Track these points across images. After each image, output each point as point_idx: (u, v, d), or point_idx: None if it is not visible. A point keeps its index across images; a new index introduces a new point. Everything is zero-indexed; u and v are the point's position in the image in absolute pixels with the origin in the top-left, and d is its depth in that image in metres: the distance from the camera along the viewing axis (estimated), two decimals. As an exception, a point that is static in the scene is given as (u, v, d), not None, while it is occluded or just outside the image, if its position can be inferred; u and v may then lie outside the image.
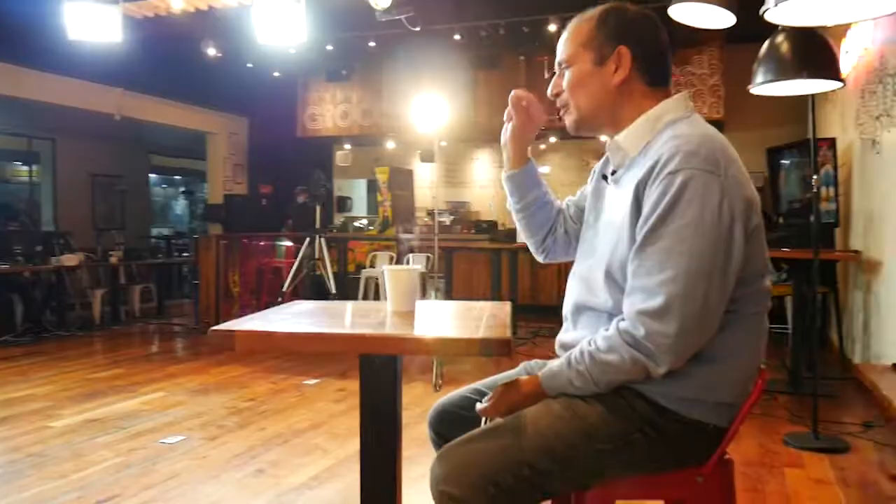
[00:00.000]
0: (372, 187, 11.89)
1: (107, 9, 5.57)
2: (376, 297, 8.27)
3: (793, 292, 4.86)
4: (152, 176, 16.15)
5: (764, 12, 1.98)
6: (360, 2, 5.70)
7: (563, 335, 1.54)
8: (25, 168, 11.32)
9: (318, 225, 7.67)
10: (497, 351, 1.21)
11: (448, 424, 1.59)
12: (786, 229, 5.74)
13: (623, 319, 1.33)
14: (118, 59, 7.27)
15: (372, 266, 8.48)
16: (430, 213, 8.76)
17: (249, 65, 9.05)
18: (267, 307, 7.54)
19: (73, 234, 9.23)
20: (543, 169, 9.97)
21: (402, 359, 1.44)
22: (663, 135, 1.41)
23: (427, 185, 11.04)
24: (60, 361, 6.06)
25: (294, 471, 3.36)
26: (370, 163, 10.83)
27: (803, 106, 3.91)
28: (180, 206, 17.85)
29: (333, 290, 7.46)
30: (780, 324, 5.85)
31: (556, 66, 1.54)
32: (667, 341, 1.27)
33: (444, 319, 1.51)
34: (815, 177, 3.70)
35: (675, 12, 3.70)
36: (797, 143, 6.32)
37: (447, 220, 9.88)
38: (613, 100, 1.47)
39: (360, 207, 12.39)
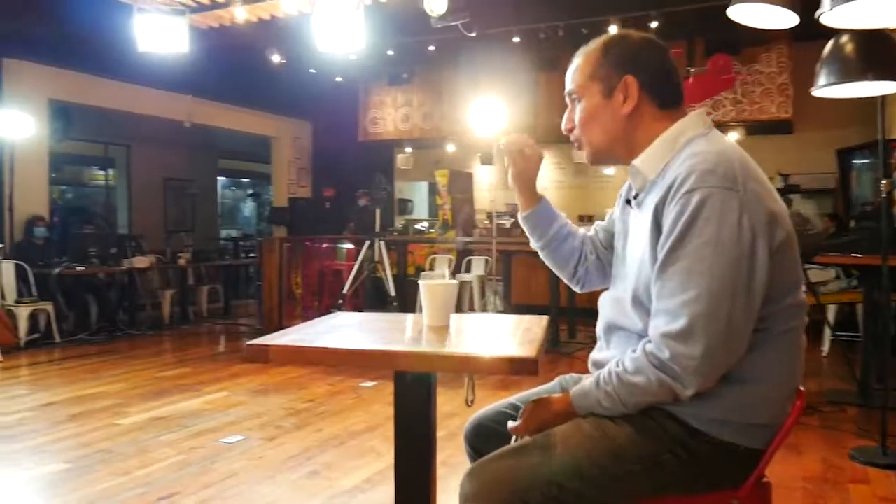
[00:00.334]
0: (433, 190, 11.95)
1: (174, 20, 5.77)
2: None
3: (863, 299, 4.67)
4: (221, 179, 16.66)
5: (819, 16, 1.92)
6: (418, 8, 5.75)
7: (597, 353, 1.53)
8: (102, 173, 11.83)
9: (377, 228, 7.78)
10: (524, 370, 1.21)
11: (483, 439, 1.59)
12: (857, 233, 5.51)
13: (650, 341, 1.32)
14: (188, 67, 7.53)
15: (431, 269, 8.53)
16: (490, 216, 8.76)
17: (312, 71, 9.24)
18: (328, 309, 7.76)
19: (146, 236, 9.61)
20: (609, 171, 9.83)
21: (436, 375, 1.45)
22: (681, 154, 1.40)
23: (487, 187, 11.03)
24: (131, 360, 6.31)
25: (347, 473, 3.41)
26: (431, 165, 10.89)
27: (874, 105, 3.76)
28: (248, 208, 18.34)
29: (392, 293, 7.55)
30: (851, 331, 5.63)
31: (567, 97, 1.55)
32: (692, 363, 1.26)
33: (476, 335, 1.51)
34: (884, 181, 3.55)
35: (735, 13, 3.60)
36: (868, 144, 6.08)
37: (507, 222, 9.85)
38: (626, 129, 1.48)
39: (421, 210, 12.47)
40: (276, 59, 8.53)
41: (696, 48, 8.44)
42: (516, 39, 8.06)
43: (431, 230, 9.86)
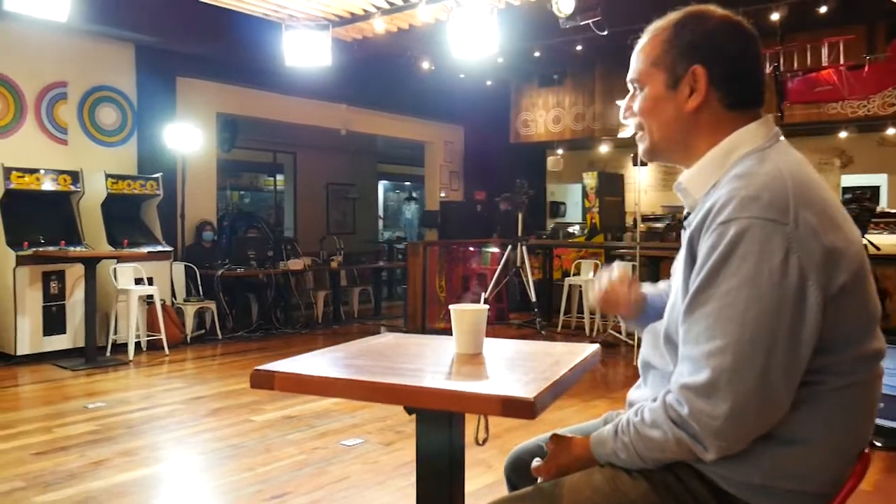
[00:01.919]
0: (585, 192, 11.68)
1: (319, 35, 6.03)
2: (579, 307, 8.09)
3: None
4: (384, 183, 17.29)
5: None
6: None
7: (633, 392, 1.37)
8: (271, 178, 12.67)
9: (519, 232, 7.70)
10: (518, 413, 1.10)
11: (520, 473, 1.49)
12: None
13: (670, 391, 1.15)
14: (341, 78, 7.89)
15: (577, 274, 8.31)
16: (634, 220, 8.38)
17: (462, 75, 9.31)
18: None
19: (307, 239, 10.16)
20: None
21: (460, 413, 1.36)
22: (729, 174, 1.19)
23: (643, 188, 10.59)
24: (280, 357, 6.64)
25: (452, 485, 3.37)
26: (584, 167, 10.65)
27: None
28: (410, 211, 18.90)
29: (534, 298, 7.44)
30: None
31: (629, 84, 1.36)
32: (714, 423, 1.07)
33: (497, 366, 1.40)
34: None
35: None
36: None
37: (660, 225, 9.39)
38: (687, 128, 1.27)
39: (574, 213, 12.23)
40: (426, 65, 8.69)
41: (876, 32, 7.58)
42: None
43: (582, 234, 9.62)
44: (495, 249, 8.61)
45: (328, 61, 6.04)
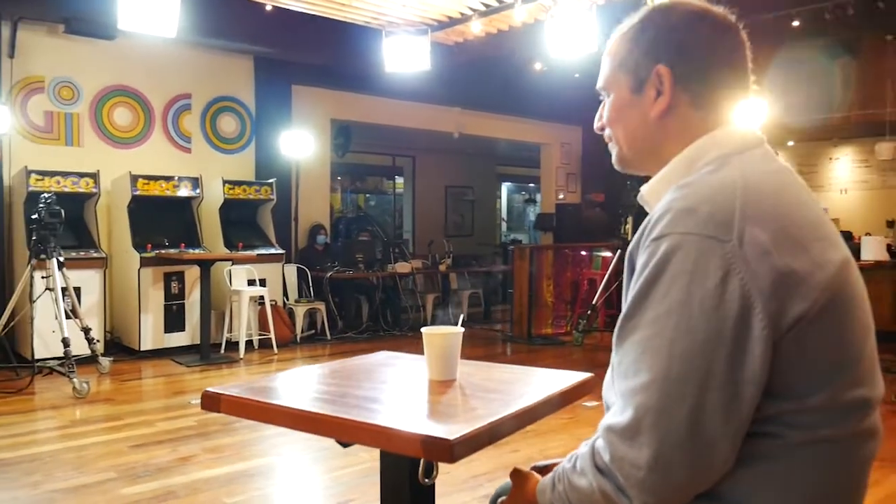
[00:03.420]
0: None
1: (418, 40, 6.06)
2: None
3: None
4: (507, 185, 17.22)
5: None
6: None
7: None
8: (390, 182, 12.94)
9: (629, 236, 7.40)
10: (437, 455, 1.00)
11: (501, 512, 1.38)
12: None
13: (598, 434, 1.00)
14: (453, 82, 7.91)
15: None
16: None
17: (577, 75, 9.07)
18: (580, 319, 7.56)
19: (426, 241, 10.27)
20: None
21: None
22: (680, 182, 1.02)
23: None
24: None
25: None
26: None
27: None
28: (533, 212, 18.73)
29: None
30: None
31: (600, 92, 1.22)
32: (637, 473, 0.91)
33: (455, 398, 1.29)
34: None
35: None
36: None
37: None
38: (655, 135, 1.11)
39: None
40: (537, 66, 8.54)
41: None
42: (796, 24, 7.09)
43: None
44: (608, 254, 8.32)
45: (427, 66, 6.06)
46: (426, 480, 1.19)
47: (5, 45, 6.39)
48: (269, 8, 6.21)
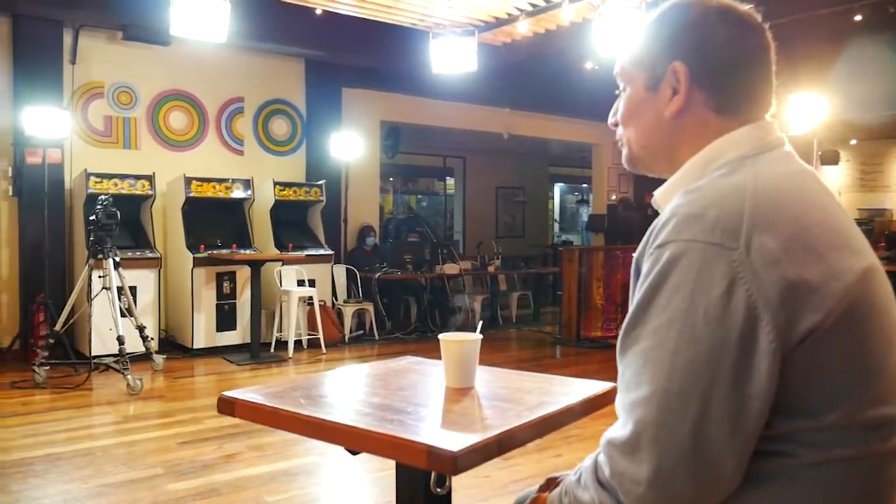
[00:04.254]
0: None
1: (465, 41, 6.05)
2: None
3: None
4: (560, 185, 17.07)
5: None
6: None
7: None
8: (441, 183, 12.96)
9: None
10: (440, 467, 0.98)
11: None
12: None
13: (600, 448, 0.97)
14: (502, 82, 7.88)
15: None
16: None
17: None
18: (629, 322, 7.44)
19: (476, 242, 10.26)
20: None
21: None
22: (690, 187, 0.98)
23: (837, 189, 9.56)
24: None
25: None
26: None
27: None
28: (586, 213, 18.51)
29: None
30: None
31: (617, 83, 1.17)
32: (637, 489, 0.87)
33: (471, 407, 1.27)
34: None
35: None
36: None
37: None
38: (670, 136, 1.06)
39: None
40: (588, 65, 8.44)
41: None
42: (858, 18, 6.83)
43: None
44: (659, 256, 8.14)
45: (474, 66, 6.03)
46: (438, 490, 1.17)
47: (67, 52, 6.62)
48: (318, 12, 6.28)
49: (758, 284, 0.85)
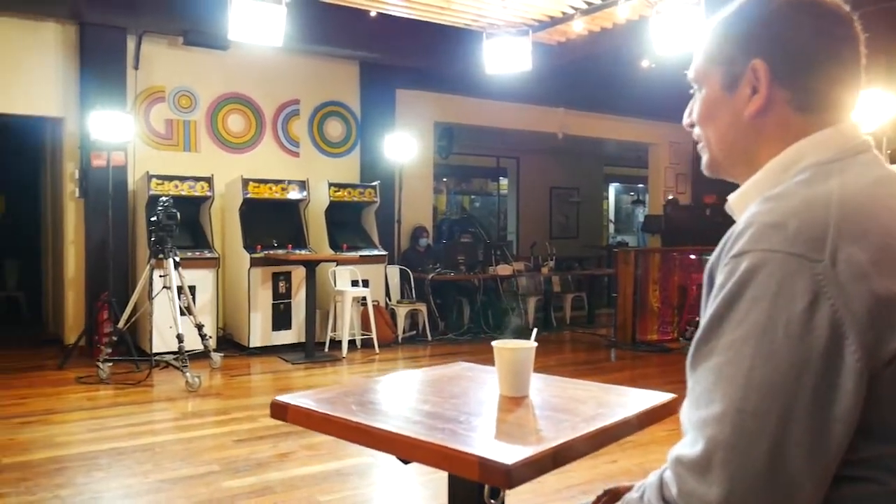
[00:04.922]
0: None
1: (519, 41, 6.01)
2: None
3: None
4: (615, 185, 16.83)
5: None
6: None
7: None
8: (494, 183, 12.92)
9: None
10: (492, 479, 0.95)
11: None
12: None
13: (667, 465, 0.92)
14: (557, 82, 7.80)
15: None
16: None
17: (685, 72, 8.74)
18: (687, 325, 7.28)
19: (524, 243, 10.19)
20: None
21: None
22: (768, 193, 0.92)
23: None
24: (482, 362, 6.74)
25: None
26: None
27: None
28: (642, 214, 18.20)
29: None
30: None
31: (692, 84, 1.11)
32: None
33: (526, 417, 1.24)
34: None
35: None
36: None
37: None
38: (749, 137, 1.00)
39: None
40: (644, 64, 8.29)
41: None
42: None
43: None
44: (718, 258, 7.95)
45: (528, 66, 5.99)
46: (492, 502, 1.15)
47: (131, 57, 6.82)
48: (373, 14, 6.32)
49: (844, 299, 0.79)
